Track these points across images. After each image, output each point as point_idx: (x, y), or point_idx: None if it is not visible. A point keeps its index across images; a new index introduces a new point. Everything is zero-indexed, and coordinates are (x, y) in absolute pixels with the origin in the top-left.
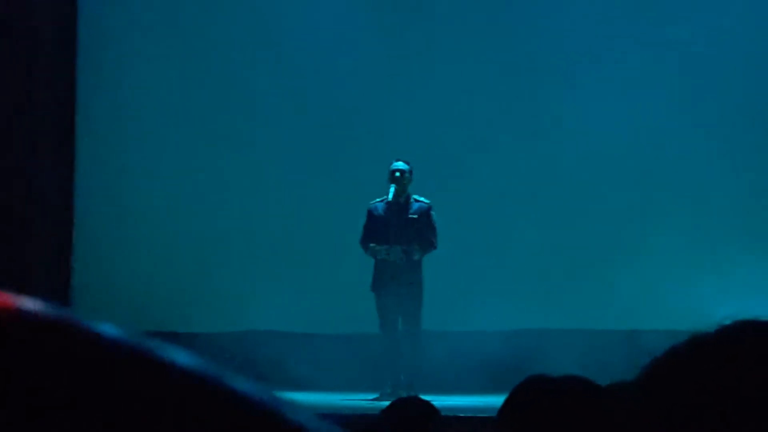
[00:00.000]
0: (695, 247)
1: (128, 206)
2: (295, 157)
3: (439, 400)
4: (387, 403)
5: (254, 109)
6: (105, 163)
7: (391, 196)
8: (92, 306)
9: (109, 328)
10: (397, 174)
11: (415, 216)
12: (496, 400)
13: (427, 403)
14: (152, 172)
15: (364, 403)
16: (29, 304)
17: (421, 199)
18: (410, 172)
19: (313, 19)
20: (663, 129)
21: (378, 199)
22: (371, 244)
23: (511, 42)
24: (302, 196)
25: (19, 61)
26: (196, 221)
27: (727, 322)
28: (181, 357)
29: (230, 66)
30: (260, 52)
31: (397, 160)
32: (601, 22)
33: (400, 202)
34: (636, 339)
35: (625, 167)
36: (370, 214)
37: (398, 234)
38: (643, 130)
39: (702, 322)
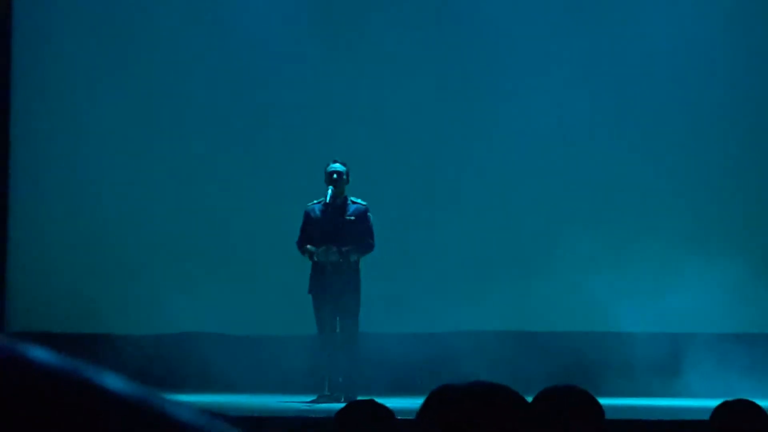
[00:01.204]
0: (612, 249)
1: (64, 206)
2: (232, 158)
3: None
4: (325, 405)
5: (189, 108)
6: (40, 162)
7: (328, 197)
8: (27, 308)
9: (40, 353)
10: (335, 176)
11: (352, 218)
12: None
13: (382, 407)
14: (87, 172)
15: (301, 405)
16: None
17: (358, 200)
18: (347, 173)
19: (250, 20)
20: (579, 135)
21: (315, 201)
22: (308, 246)
23: (445, 45)
24: (240, 197)
25: None
26: (131, 222)
27: None
28: (111, 381)
29: (165, 68)
30: (195, 51)
31: (334, 162)
32: (533, 30)
33: (337, 204)
34: (570, 340)
35: (545, 172)
36: (307, 216)
37: (335, 236)
38: (561, 136)
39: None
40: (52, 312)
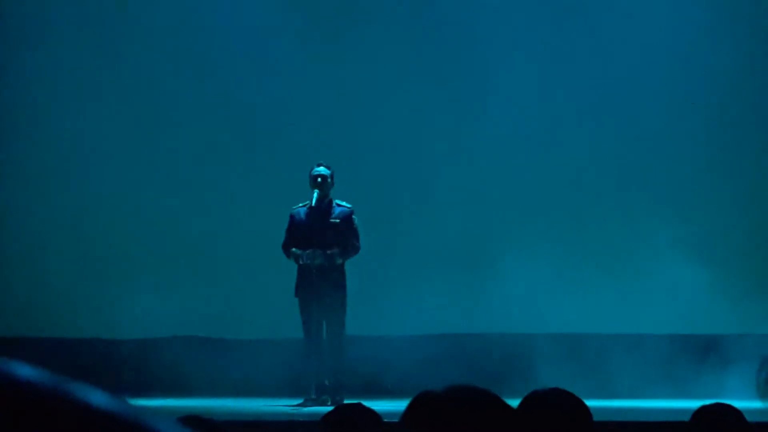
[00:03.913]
0: (577, 254)
1: (49, 211)
2: (217, 162)
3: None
4: (311, 408)
5: (175, 113)
6: (19, 165)
7: (314, 201)
8: (11, 313)
9: (25, 370)
10: (319, 179)
11: (337, 220)
12: None
13: (369, 410)
14: (71, 177)
15: (288, 408)
16: None
17: (343, 203)
18: (331, 176)
19: (234, 22)
20: (564, 134)
21: (300, 204)
22: (293, 249)
23: (428, 50)
24: (225, 201)
25: None
26: (116, 226)
27: None
28: (93, 396)
29: (150, 71)
30: (179, 53)
31: (319, 165)
32: (518, 26)
33: (322, 207)
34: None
35: (527, 170)
36: (293, 219)
37: (320, 238)
38: (529, 140)
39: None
40: (36, 317)
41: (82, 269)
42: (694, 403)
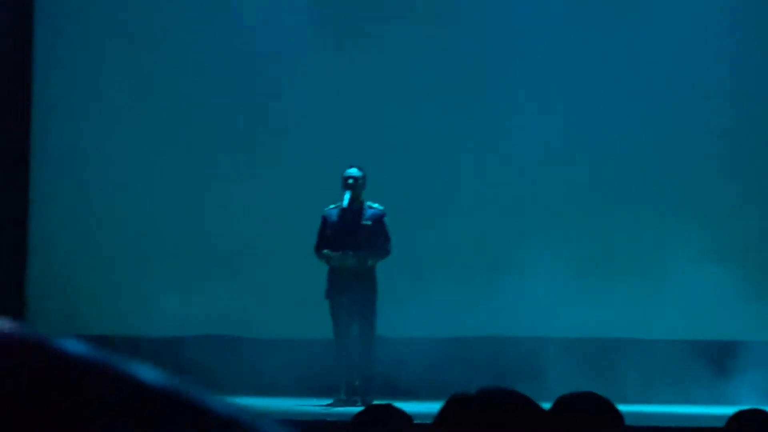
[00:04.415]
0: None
1: (83, 208)
2: (249, 162)
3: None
4: (341, 409)
5: (203, 113)
6: (60, 165)
7: (346, 202)
8: (45, 311)
9: (73, 345)
10: (351, 181)
11: (369, 222)
12: None
13: (401, 411)
14: (106, 174)
15: (318, 408)
16: None
17: (375, 205)
18: (363, 178)
19: (263, 24)
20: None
21: (332, 206)
22: (325, 251)
23: (457, 49)
24: (258, 201)
25: None
26: (149, 223)
27: None
28: (144, 371)
29: (181, 69)
30: (210, 54)
31: (351, 167)
32: (546, 31)
33: (354, 209)
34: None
35: (545, 175)
36: (325, 221)
37: (352, 240)
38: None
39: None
40: (60, 314)
41: (108, 266)
42: (713, 410)
